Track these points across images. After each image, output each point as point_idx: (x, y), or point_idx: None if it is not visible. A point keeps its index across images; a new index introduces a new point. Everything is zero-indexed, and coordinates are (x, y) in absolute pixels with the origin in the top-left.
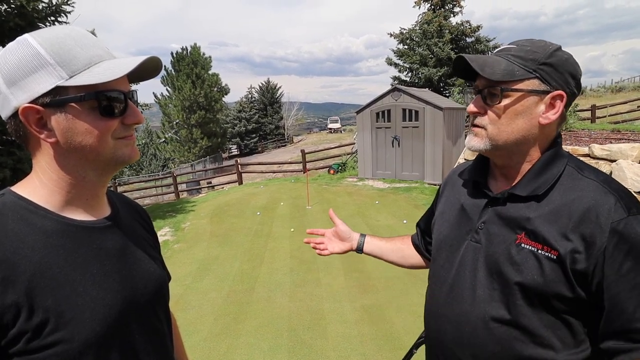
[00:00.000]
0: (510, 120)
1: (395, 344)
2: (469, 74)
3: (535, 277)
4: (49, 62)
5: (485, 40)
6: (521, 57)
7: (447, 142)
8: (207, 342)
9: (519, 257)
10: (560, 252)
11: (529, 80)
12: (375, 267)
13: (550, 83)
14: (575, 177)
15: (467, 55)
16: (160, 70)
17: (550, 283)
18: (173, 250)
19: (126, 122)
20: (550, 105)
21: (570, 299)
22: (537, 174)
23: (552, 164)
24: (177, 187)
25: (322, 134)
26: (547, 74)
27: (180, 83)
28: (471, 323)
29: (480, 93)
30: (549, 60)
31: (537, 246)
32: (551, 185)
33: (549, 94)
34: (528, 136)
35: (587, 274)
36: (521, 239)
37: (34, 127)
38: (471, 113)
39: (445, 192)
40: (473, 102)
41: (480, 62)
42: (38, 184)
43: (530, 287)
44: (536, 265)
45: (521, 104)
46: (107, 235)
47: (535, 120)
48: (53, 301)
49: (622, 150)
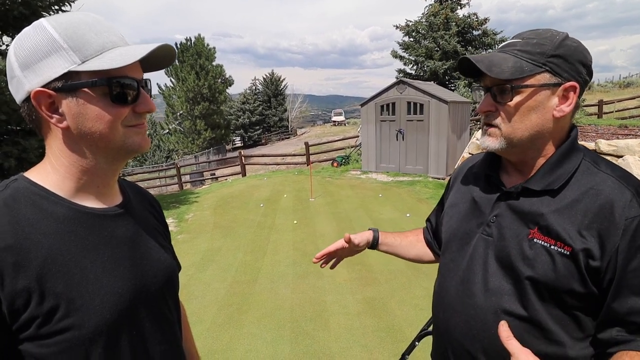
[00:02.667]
0: (523, 117)
1: (398, 336)
2: (475, 73)
3: (547, 273)
4: (62, 47)
5: (492, 34)
6: (528, 52)
7: (452, 136)
8: (211, 332)
9: (531, 252)
10: (574, 248)
11: (539, 75)
12: (378, 260)
13: (562, 75)
14: (591, 171)
15: (473, 56)
16: (174, 59)
17: (562, 279)
18: (176, 241)
19: (137, 110)
20: (563, 97)
21: (581, 295)
22: (552, 168)
23: (568, 158)
24: (180, 179)
25: (326, 127)
26: (557, 66)
27: (184, 74)
28: (481, 316)
29: (490, 91)
30: (557, 52)
31: (550, 242)
32: (566, 180)
33: (561, 86)
34: (543, 131)
35: (600, 271)
36: (534, 233)
37: (45, 111)
38: (482, 113)
39: (456, 185)
40: (483, 101)
41: (487, 62)
42: (50, 170)
43: (541, 282)
44: (549, 260)
45: (533, 100)
46: (118, 223)
47: (549, 114)
48: (64, 287)
49: (629, 146)
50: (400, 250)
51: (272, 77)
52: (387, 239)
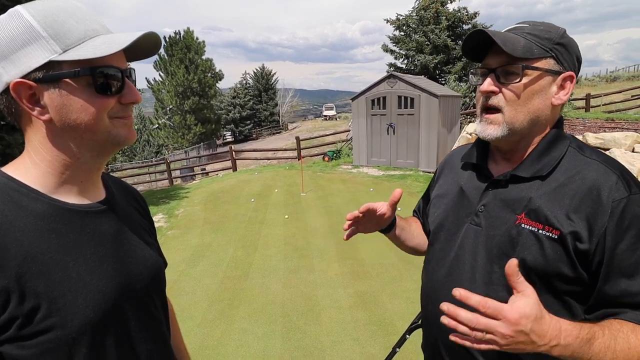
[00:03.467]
0: (527, 99)
1: (389, 329)
2: (478, 52)
3: (537, 258)
4: (41, 35)
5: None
6: (537, 36)
7: (442, 129)
8: (201, 328)
9: (520, 239)
10: (562, 232)
11: (545, 60)
12: (369, 254)
13: (563, 63)
14: (577, 157)
15: (488, 30)
16: (159, 47)
17: (552, 262)
18: (167, 236)
19: (123, 101)
20: (561, 86)
21: (571, 279)
22: (540, 155)
23: (555, 145)
24: (170, 174)
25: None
26: (561, 55)
27: (173, 68)
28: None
29: (494, 72)
30: (562, 41)
31: (537, 226)
32: (554, 166)
33: (561, 75)
34: (541, 117)
35: (588, 254)
36: (521, 219)
37: (26, 103)
38: (485, 92)
39: (443, 175)
40: (486, 82)
41: (502, 37)
42: (30, 165)
43: (531, 267)
44: (537, 245)
45: (538, 84)
46: (101, 220)
47: (549, 101)
48: (45, 286)
49: (616, 139)
50: (409, 235)
51: (262, 71)
52: (401, 221)
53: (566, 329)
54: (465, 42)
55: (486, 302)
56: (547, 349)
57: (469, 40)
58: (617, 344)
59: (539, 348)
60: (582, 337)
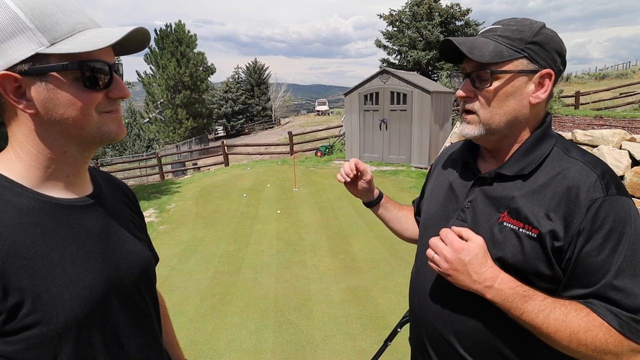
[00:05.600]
0: (501, 102)
1: (380, 323)
2: (455, 57)
3: (516, 255)
4: (28, 27)
5: (475, 24)
6: (508, 37)
7: (435, 125)
8: (193, 323)
9: (501, 236)
10: (540, 231)
11: (517, 61)
12: (361, 249)
13: (539, 62)
14: (561, 157)
15: (455, 38)
16: (148, 42)
17: (530, 260)
18: (158, 231)
19: (111, 96)
20: (539, 84)
21: (549, 277)
22: (524, 154)
23: (540, 144)
24: (162, 168)
25: (310, 116)
26: (535, 53)
27: (164, 61)
28: (453, 300)
29: (469, 76)
30: (535, 39)
31: (518, 225)
32: (537, 166)
33: (538, 73)
34: (519, 117)
35: (562, 251)
36: (504, 217)
37: (12, 96)
38: (461, 98)
39: (435, 172)
40: (462, 86)
41: (469, 44)
42: (14, 159)
43: (510, 264)
44: (517, 243)
45: (511, 85)
46: (88, 214)
47: (526, 100)
48: (29, 282)
49: (604, 136)
50: (394, 218)
51: (255, 65)
52: (388, 203)
53: (504, 277)
54: (440, 50)
55: (446, 231)
56: (481, 288)
57: (442, 48)
58: (553, 313)
59: (474, 285)
60: (518, 292)
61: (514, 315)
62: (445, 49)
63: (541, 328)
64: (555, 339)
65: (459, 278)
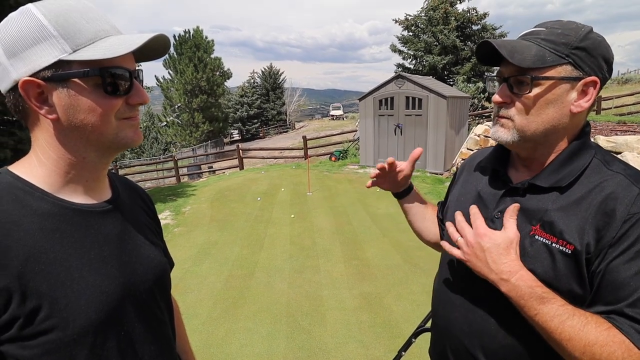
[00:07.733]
0: (540, 110)
1: (394, 331)
2: (492, 60)
3: (547, 271)
4: (52, 34)
5: (492, 29)
6: (552, 42)
7: (450, 131)
8: (206, 326)
9: (532, 249)
10: (576, 247)
11: (561, 67)
12: (375, 255)
13: (584, 69)
14: (600, 169)
15: (494, 40)
16: (168, 49)
17: (562, 278)
18: (173, 234)
19: (130, 102)
20: (582, 92)
21: (579, 297)
22: (561, 165)
23: (579, 156)
24: (178, 171)
25: (324, 121)
26: (580, 59)
27: (182, 66)
28: (482, 313)
29: (506, 81)
30: (582, 44)
31: (551, 239)
32: (575, 178)
33: (582, 81)
34: (558, 126)
35: (591, 263)
36: (536, 230)
37: (34, 102)
38: (497, 104)
39: (462, 178)
40: (498, 91)
41: (509, 47)
42: (36, 163)
43: (540, 280)
44: (549, 258)
45: (552, 93)
46: (106, 220)
47: (567, 109)
48: (47, 287)
49: (628, 142)
50: (419, 213)
51: (270, 70)
52: (417, 196)
53: (524, 274)
54: (477, 53)
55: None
56: (497, 279)
57: (479, 50)
58: (570, 320)
59: (490, 274)
60: (536, 292)
61: (527, 315)
62: (482, 51)
63: (554, 333)
64: (567, 347)
65: (476, 264)
